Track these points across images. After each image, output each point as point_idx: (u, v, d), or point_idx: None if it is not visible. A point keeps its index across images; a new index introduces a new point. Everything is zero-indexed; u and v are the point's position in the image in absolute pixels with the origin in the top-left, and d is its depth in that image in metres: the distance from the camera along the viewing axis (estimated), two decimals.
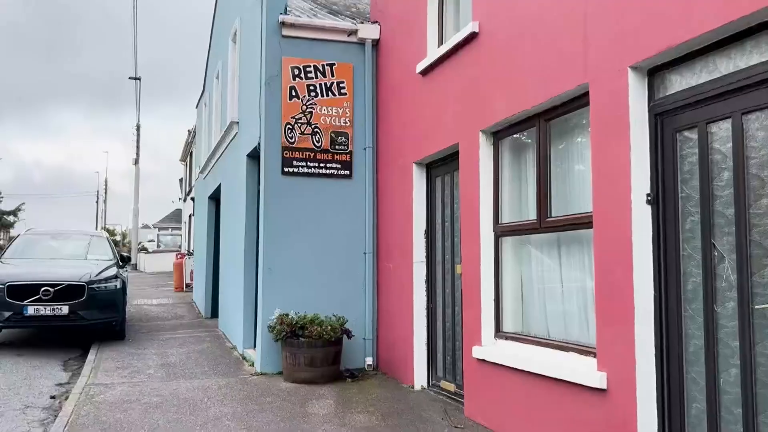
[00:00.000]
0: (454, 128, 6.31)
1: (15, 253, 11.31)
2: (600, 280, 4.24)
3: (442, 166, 6.95)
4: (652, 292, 3.91)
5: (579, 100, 4.62)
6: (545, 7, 4.89)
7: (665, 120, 3.92)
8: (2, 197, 75.05)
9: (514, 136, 5.61)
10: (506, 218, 5.68)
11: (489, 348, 5.59)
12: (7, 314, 9.22)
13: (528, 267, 5.50)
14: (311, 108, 8.09)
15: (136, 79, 34.80)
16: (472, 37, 5.93)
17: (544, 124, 5.09)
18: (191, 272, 19.51)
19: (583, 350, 4.53)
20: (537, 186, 5.18)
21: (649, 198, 3.94)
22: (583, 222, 4.57)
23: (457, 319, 6.57)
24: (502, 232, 5.68)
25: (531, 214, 5.31)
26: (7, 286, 9.29)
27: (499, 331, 5.64)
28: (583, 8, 4.44)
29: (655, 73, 3.98)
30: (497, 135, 5.75)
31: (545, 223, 5.07)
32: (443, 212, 7.00)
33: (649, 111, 3.99)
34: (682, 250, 3.81)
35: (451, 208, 6.82)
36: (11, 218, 75.37)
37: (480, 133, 5.80)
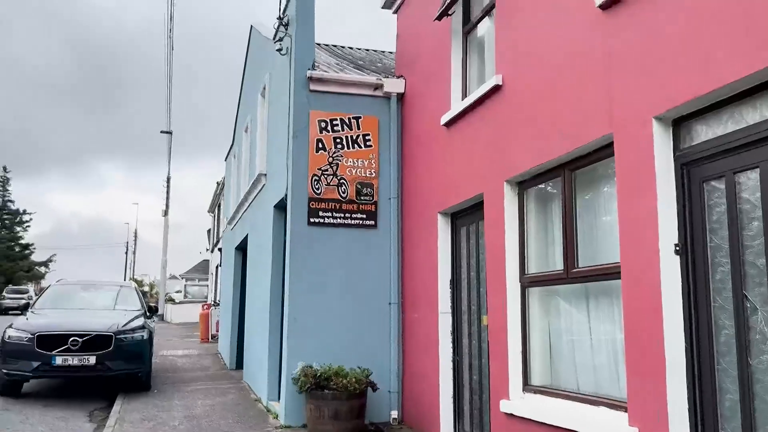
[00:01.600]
0: (478, 178, 6.34)
1: (45, 303, 11.48)
2: (629, 331, 4.16)
3: (467, 215, 6.96)
4: (683, 344, 3.82)
5: (604, 150, 4.63)
6: (568, 58, 4.96)
7: (692, 170, 3.90)
8: (35, 249, 76.77)
9: (540, 186, 5.61)
10: (532, 268, 5.64)
11: (517, 402, 5.47)
12: (35, 364, 9.30)
13: (556, 318, 5.42)
14: (337, 160, 8.21)
15: (167, 132, 35.71)
16: (495, 89, 6.01)
17: (570, 174, 5.09)
18: (217, 323, 19.54)
19: (614, 404, 4.41)
20: (563, 236, 5.15)
21: (678, 248, 3.89)
22: (611, 272, 4.51)
23: (484, 372, 6.45)
24: (528, 282, 5.63)
25: (558, 265, 5.26)
26: (37, 336, 9.41)
27: (527, 385, 5.52)
28: (607, 59, 4.49)
29: (680, 123, 3.99)
30: (522, 185, 5.76)
31: (572, 273, 5.01)
32: (468, 262, 6.97)
33: (675, 161, 3.98)
34: (713, 301, 3.73)
35: (476, 258, 6.80)
36: (43, 269, 76.91)
37: (505, 183, 5.82)
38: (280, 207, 8.87)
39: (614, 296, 4.59)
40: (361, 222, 8.20)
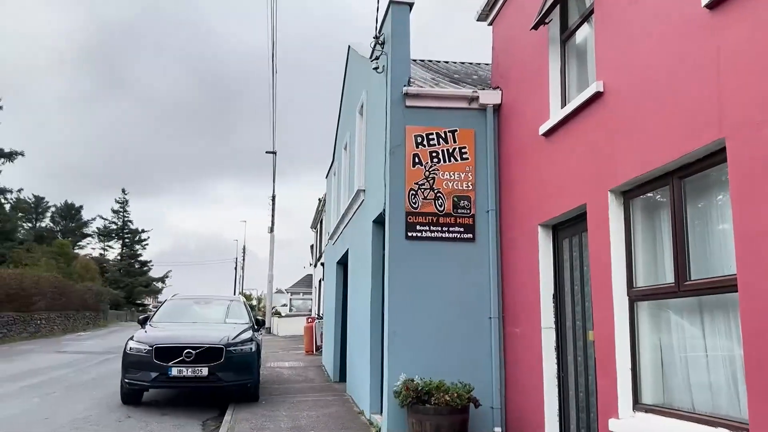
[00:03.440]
0: (580, 189, 6.16)
1: (162, 317, 12.18)
2: (749, 348, 3.88)
3: (569, 227, 6.76)
4: None
5: (715, 156, 4.38)
6: (673, 61, 4.74)
7: None
8: (152, 265, 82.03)
9: (647, 195, 5.38)
10: (641, 282, 5.39)
11: (627, 421, 5.23)
12: (154, 374, 9.87)
13: (667, 334, 5.15)
14: (434, 174, 8.23)
15: (272, 153, 37.14)
16: (596, 96, 5.84)
17: (678, 182, 4.85)
18: (321, 335, 19.99)
19: (734, 425, 4.12)
20: (673, 247, 4.90)
21: None
22: (726, 285, 4.24)
23: (590, 389, 6.22)
24: (636, 296, 5.38)
25: (668, 278, 5.00)
26: (155, 348, 9.99)
27: (637, 403, 5.27)
28: (716, 60, 4.26)
29: None
30: (627, 194, 5.54)
31: (684, 286, 4.75)
32: (572, 275, 6.76)
33: None
34: None
35: (580, 270, 6.58)
36: (160, 284, 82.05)
37: (609, 192, 5.62)
38: (379, 222, 8.99)
39: (731, 310, 4.31)
40: (458, 235, 8.16)
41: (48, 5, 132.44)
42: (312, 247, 38.73)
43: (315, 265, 34.73)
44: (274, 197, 39.04)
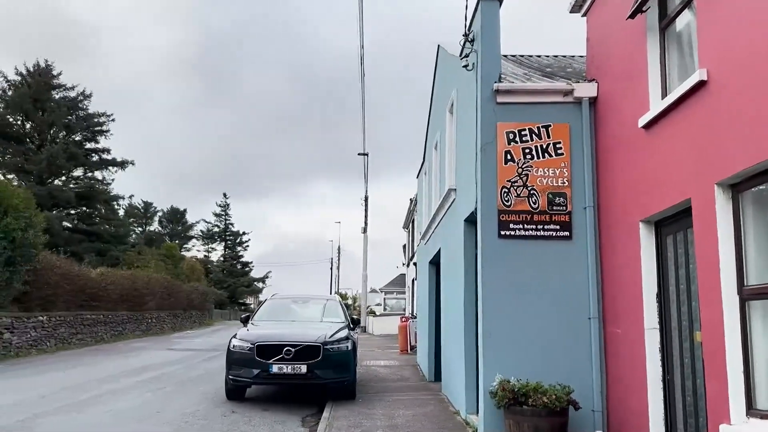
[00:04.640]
0: (684, 182, 5.86)
1: (263, 315, 12.63)
2: None
3: (673, 223, 6.45)
4: None
5: None
6: None
7: None
8: (253, 266, 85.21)
9: (759, 187, 5.04)
10: (753, 280, 5.06)
11: (739, 427, 4.93)
12: (256, 371, 10.24)
13: None
14: (527, 170, 8.07)
15: (364, 155, 37.68)
16: (699, 85, 5.54)
17: None
18: (415, 334, 20.08)
19: None
20: None
21: None
22: None
23: (699, 393, 5.91)
24: (748, 295, 5.06)
25: None
26: (257, 345, 10.36)
27: (751, 408, 4.95)
28: None
29: None
30: (736, 188, 5.22)
31: None
32: (677, 274, 6.45)
33: None
34: None
35: (686, 268, 6.26)
36: (260, 285, 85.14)
37: (715, 186, 5.32)
38: (471, 221, 8.92)
39: None
40: (554, 233, 7.96)
41: (160, 19, 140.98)
42: (404, 246, 38.99)
43: (408, 265, 34.95)
44: (366, 198, 39.61)
